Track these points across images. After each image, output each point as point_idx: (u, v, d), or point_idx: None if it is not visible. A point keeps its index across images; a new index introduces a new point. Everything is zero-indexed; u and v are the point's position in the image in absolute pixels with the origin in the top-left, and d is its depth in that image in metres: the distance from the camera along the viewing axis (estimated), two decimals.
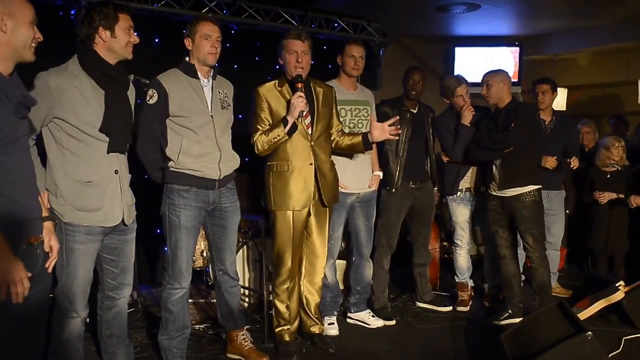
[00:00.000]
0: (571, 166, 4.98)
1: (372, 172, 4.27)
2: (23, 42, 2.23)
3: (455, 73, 6.56)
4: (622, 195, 5.00)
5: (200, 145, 3.29)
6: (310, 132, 3.60)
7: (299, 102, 3.47)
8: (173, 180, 3.32)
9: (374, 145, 4.03)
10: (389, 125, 3.69)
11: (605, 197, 5.03)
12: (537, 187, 4.25)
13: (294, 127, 3.52)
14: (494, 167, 4.30)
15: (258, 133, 3.57)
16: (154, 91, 3.25)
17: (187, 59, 3.39)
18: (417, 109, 4.56)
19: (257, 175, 3.81)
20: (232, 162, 3.45)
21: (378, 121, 3.88)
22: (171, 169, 3.31)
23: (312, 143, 3.60)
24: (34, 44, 2.28)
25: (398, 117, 3.72)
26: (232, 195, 3.50)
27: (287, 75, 3.63)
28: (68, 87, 2.73)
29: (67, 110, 2.74)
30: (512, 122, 4.16)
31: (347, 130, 4.05)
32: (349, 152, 3.92)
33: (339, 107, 4.00)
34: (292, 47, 3.57)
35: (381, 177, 4.38)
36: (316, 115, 3.62)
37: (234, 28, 5.66)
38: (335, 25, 6.23)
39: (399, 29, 6.86)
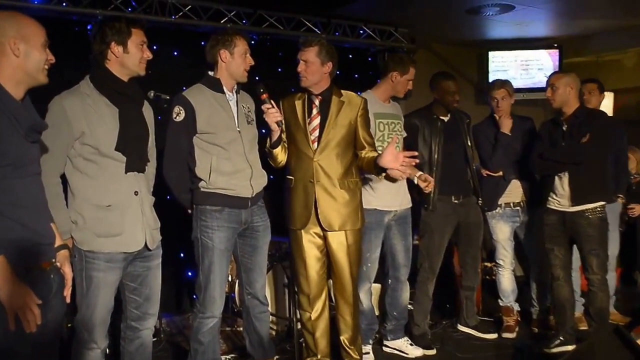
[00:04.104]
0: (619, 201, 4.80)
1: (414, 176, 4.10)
2: (36, 65, 2.26)
3: (491, 79, 6.51)
4: None
5: (231, 163, 3.32)
6: (314, 147, 3.56)
7: (269, 115, 3.40)
8: (204, 201, 3.33)
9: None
10: (406, 157, 3.45)
11: (635, 210, 4.92)
12: (604, 202, 4.10)
13: (277, 139, 3.51)
14: (557, 178, 4.13)
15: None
16: (181, 108, 3.28)
17: (211, 72, 3.41)
18: (449, 116, 4.48)
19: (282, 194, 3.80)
20: (262, 178, 3.48)
21: (406, 133, 3.78)
22: (202, 189, 3.32)
23: (316, 159, 3.55)
24: (46, 67, 2.30)
25: (416, 153, 3.52)
26: (263, 214, 3.52)
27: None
28: (82, 107, 2.77)
29: (84, 131, 2.78)
30: (585, 132, 4.00)
31: (385, 146, 3.96)
32: (370, 173, 3.73)
33: (377, 121, 3.95)
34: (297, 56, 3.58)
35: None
36: (326, 129, 3.56)
37: (254, 38, 5.67)
38: (361, 32, 6.22)
39: (428, 35, 6.81)
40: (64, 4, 4.78)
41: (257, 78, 3.63)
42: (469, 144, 4.52)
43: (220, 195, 3.31)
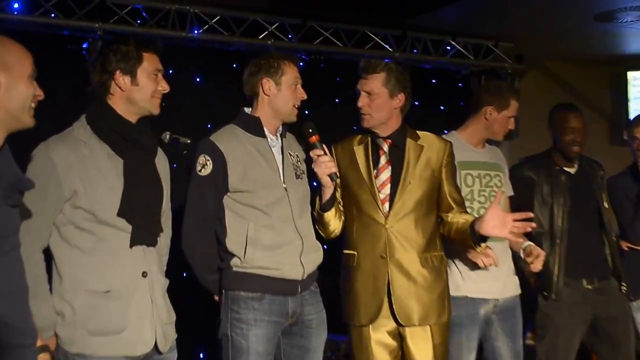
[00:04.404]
0: None
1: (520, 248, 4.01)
2: (21, 102, 2.29)
3: (631, 111, 6.40)
4: None
5: (274, 232, 3.33)
6: (385, 209, 3.56)
7: (320, 164, 3.43)
8: (238, 286, 3.33)
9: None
10: (517, 220, 3.43)
11: None
12: None
13: (330, 199, 3.54)
14: None
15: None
16: (207, 157, 3.31)
17: (247, 109, 3.45)
18: (576, 166, 4.43)
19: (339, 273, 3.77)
20: (315, 253, 3.48)
21: (515, 191, 3.73)
22: (234, 268, 3.34)
23: (389, 225, 3.55)
24: (33, 105, 2.32)
25: (531, 215, 3.50)
26: (317, 303, 3.52)
27: None
28: (76, 159, 2.81)
29: (77, 190, 2.80)
30: None
31: (476, 207, 3.96)
32: (461, 244, 3.72)
33: (462, 173, 3.93)
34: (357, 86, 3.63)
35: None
36: (401, 184, 3.58)
37: (303, 59, 5.73)
38: (448, 48, 6.26)
39: (540, 50, 6.80)
40: (53, 15, 4.94)
41: (305, 113, 3.65)
42: (605, 205, 4.44)
43: (259, 277, 3.31)
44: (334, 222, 3.61)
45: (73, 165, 2.79)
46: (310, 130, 3.41)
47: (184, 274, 3.47)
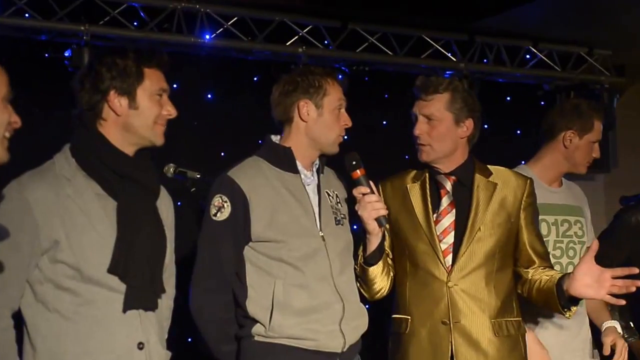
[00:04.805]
0: None
1: (601, 323, 4.15)
2: None
3: None
4: None
5: (308, 293, 3.36)
6: (448, 262, 3.57)
7: (365, 206, 3.42)
8: (262, 359, 3.34)
9: None
10: (617, 278, 3.41)
11: None
12: None
13: (377, 250, 3.53)
14: None
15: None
16: (224, 199, 3.34)
17: (275, 138, 3.47)
18: None
19: (382, 342, 3.78)
20: (359, 319, 3.50)
21: (622, 242, 3.81)
22: (257, 338, 3.35)
23: (452, 284, 3.55)
24: (7, 134, 2.32)
25: (637, 270, 3.46)
26: None
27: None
28: (57, 200, 2.82)
29: (58, 240, 2.80)
30: None
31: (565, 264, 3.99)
32: (543, 307, 3.78)
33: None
34: (412, 109, 3.65)
35: (619, 331, 4.21)
36: (469, 231, 3.59)
37: (342, 70, 5.75)
38: (527, 57, 6.27)
39: None
40: (27, 15, 4.99)
41: (345, 138, 3.66)
42: None
43: (288, 349, 3.33)
44: (381, 279, 3.61)
45: (54, 209, 2.80)
46: (354, 163, 3.41)
47: (189, 339, 3.44)
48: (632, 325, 4.55)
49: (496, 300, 3.57)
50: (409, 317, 3.59)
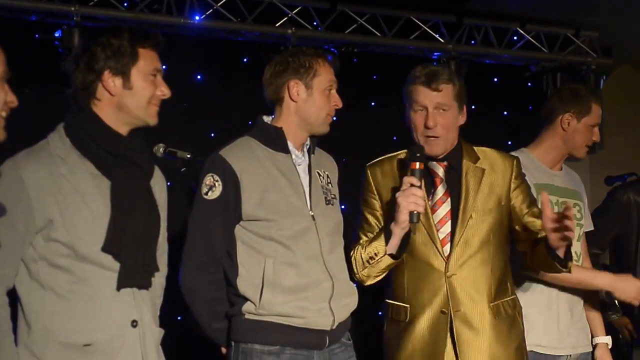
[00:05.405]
0: None
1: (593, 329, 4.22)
2: None
3: None
4: None
5: (297, 271, 3.37)
6: (447, 251, 3.59)
7: (409, 196, 3.41)
8: (251, 337, 3.35)
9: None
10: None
11: None
12: None
13: (405, 242, 3.52)
14: None
15: (358, 245, 3.65)
16: (216, 178, 3.35)
17: (267, 118, 3.48)
18: None
19: (374, 322, 3.83)
20: (349, 298, 3.52)
21: (614, 219, 3.93)
22: (247, 316, 3.36)
23: (451, 273, 3.58)
24: (4, 113, 2.34)
25: (571, 211, 3.43)
26: (350, 359, 3.54)
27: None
28: (51, 179, 2.83)
29: (52, 218, 2.82)
30: None
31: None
32: (551, 272, 3.77)
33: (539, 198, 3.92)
34: (417, 98, 3.61)
35: (610, 345, 4.28)
36: (460, 220, 3.60)
37: (331, 51, 5.74)
38: (515, 38, 6.29)
39: (632, 41, 6.76)
40: None
41: (334, 119, 3.64)
42: None
43: (278, 326, 3.34)
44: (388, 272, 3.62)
45: (48, 187, 2.80)
46: (418, 155, 3.42)
47: (179, 318, 3.46)
48: (616, 303, 4.60)
49: (493, 285, 3.61)
50: (408, 306, 3.61)
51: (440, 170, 3.62)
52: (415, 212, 3.39)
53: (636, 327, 4.30)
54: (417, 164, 3.41)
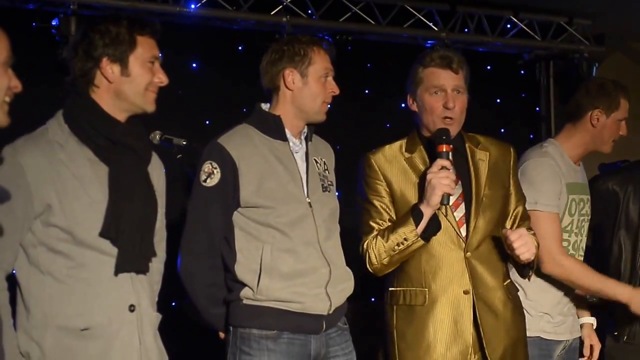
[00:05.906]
0: None
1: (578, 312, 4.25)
2: None
3: None
4: None
5: (295, 257, 3.38)
6: (464, 232, 3.61)
7: (442, 178, 3.44)
8: (249, 322, 3.37)
9: None
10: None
11: None
12: None
13: (435, 225, 3.54)
14: None
15: (371, 235, 3.63)
16: (214, 165, 3.36)
17: (265, 106, 3.49)
18: None
19: (371, 311, 3.82)
20: (345, 283, 3.53)
21: (595, 210, 3.95)
22: (245, 301, 3.38)
23: (469, 254, 3.60)
24: (7, 99, 2.33)
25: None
26: (346, 342, 3.56)
27: (425, 130, 3.68)
28: (50, 165, 2.83)
29: (51, 204, 2.83)
30: None
31: (572, 241, 4.07)
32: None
33: (570, 198, 4.03)
34: (434, 81, 3.61)
35: (595, 325, 4.32)
36: (474, 202, 3.63)
37: (326, 39, 5.74)
38: (508, 26, 6.30)
39: (624, 29, 6.78)
40: None
41: (328, 107, 3.63)
42: None
43: (275, 311, 3.36)
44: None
45: (46, 173, 2.81)
46: (444, 137, 3.45)
47: (173, 304, 3.46)
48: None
49: (503, 265, 3.68)
50: (426, 289, 3.59)
51: (449, 155, 3.60)
52: (446, 194, 3.42)
53: (611, 317, 4.31)
54: (444, 146, 3.44)
